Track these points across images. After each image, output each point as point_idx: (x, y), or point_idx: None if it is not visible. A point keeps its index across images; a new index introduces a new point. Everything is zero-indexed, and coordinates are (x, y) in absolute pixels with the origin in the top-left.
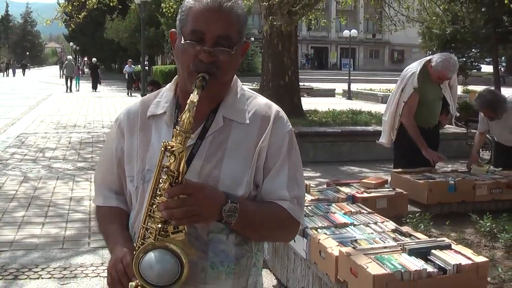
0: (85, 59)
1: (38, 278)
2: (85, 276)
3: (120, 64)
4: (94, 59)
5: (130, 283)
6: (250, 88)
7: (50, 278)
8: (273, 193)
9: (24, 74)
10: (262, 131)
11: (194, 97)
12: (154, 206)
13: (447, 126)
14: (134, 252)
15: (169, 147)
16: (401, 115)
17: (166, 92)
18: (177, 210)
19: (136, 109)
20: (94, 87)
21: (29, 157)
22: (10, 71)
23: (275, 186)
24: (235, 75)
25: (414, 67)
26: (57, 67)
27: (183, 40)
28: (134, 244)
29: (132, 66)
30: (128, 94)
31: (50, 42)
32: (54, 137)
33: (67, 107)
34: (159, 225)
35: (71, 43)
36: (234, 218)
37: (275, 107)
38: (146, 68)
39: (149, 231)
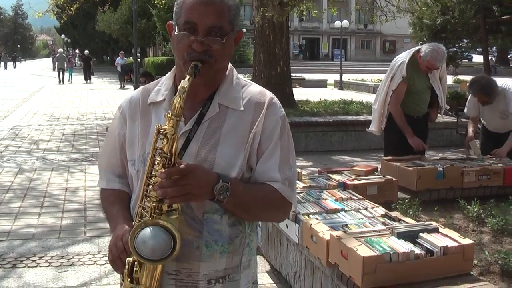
0: (77, 51)
1: (36, 266)
2: (82, 264)
3: (111, 56)
4: (86, 51)
5: (128, 258)
6: None
7: (48, 266)
8: (265, 174)
9: (15, 67)
10: (256, 117)
11: (184, 82)
12: (149, 186)
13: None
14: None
15: (161, 130)
16: (389, 103)
17: (166, 80)
18: (171, 189)
19: (137, 96)
20: (87, 78)
21: (24, 149)
22: (2, 64)
23: (267, 168)
24: (230, 64)
25: (403, 56)
26: (48, 59)
27: (177, 31)
28: (133, 223)
29: (125, 58)
30: (121, 87)
31: (41, 34)
32: (47, 129)
33: (60, 99)
34: (154, 204)
35: (63, 36)
36: (225, 197)
37: (268, 94)
38: (138, 60)
39: (145, 210)
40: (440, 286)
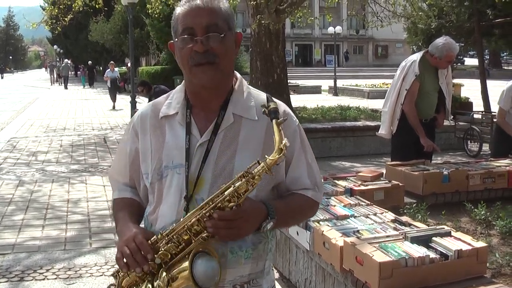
0: (69, 61)
1: (43, 279)
2: (90, 276)
3: (104, 66)
4: (89, 62)
5: (156, 258)
6: None
7: (55, 278)
8: (297, 182)
9: (2, 77)
10: (270, 125)
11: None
12: (207, 215)
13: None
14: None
15: (250, 175)
16: (402, 103)
17: (176, 94)
18: (222, 231)
19: (147, 110)
20: (91, 84)
21: (22, 161)
22: None
23: (298, 176)
24: (239, 75)
25: (413, 57)
26: (40, 70)
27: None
28: (165, 231)
29: (116, 69)
30: (113, 107)
31: (32, 45)
32: (45, 141)
33: (55, 110)
34: (205, 235)
35: (55, 46)
36: (268, 229)
37: (281, 104)
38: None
39: (191, 231)
40: None
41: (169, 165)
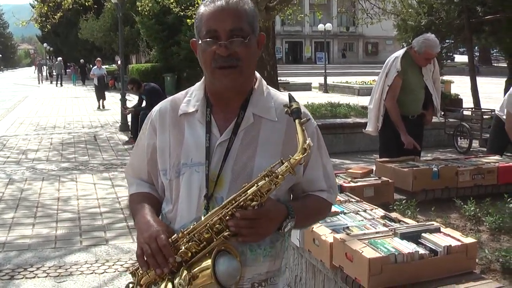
0: (59, 58)
1: (34, 277)
2: (80, 274)
3: (94, 64)
4: (82, 60)
5: (176, 257)
6: None
7: (46, 277)
8: (313, 184)
9: None
10: (290, 127)
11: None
12: (229, 213)
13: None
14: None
15: (274, 174)
16: (385, 99)
17: (196, 91)
18: (244, 230)
19: (166, 106)
20: (83, 81)
21: (12, 159)
22: None
23: (315, 178)
24: (258, 75)
25: (396, 53)
26: (30, 68)
27: (200, 42)
28: (187, 228)
29: (103, 67)
30: (99, 106)
31: (22, 43)
32: (35, 139)
33: (45, 108)
34: (227, 233)
35: (45, 44)
36: (288, 229)
37: (301, 106)
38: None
39: (212, 230)
40: (445, 285)
41: (188, 162)
